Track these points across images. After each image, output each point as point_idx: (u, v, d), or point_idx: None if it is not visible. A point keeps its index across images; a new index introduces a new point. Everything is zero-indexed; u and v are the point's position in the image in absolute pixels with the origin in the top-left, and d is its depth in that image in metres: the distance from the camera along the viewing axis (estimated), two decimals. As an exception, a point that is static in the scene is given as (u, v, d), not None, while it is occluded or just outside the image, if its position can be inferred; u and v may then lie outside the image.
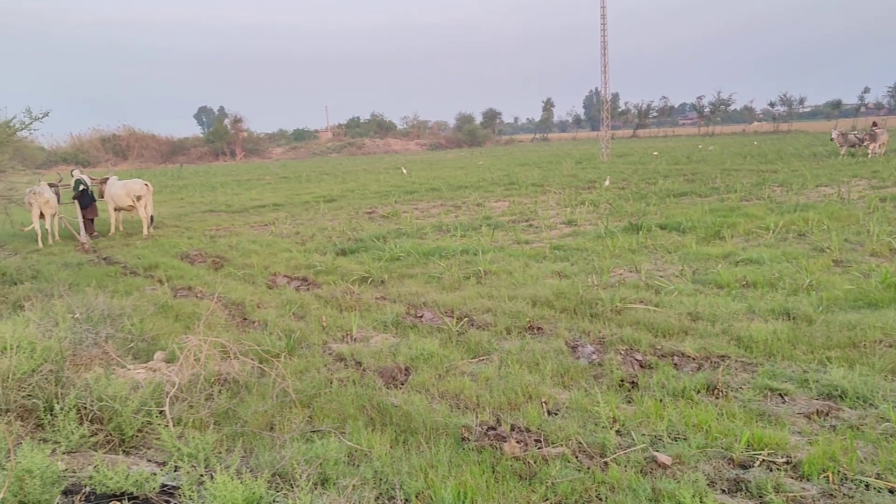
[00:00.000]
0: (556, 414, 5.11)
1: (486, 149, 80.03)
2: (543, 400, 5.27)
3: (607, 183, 22.11)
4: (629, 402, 5.32)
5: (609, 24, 43.78)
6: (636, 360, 6.17)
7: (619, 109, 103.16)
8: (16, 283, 10.72)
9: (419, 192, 24.71)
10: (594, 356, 6.37)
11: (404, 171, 37.54)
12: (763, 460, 4.24)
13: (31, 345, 5.37)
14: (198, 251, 13.77)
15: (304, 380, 6.02)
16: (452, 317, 7.79)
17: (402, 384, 5.92)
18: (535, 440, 4.61)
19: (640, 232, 12.58)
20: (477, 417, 4.98)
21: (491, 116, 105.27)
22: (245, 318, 8.48)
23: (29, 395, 4.89)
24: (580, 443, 4.53)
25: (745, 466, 4.22)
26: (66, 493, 3.48)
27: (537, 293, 8.51)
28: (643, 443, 4.49)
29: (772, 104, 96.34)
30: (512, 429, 4.80)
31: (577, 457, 4.36)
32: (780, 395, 5.30)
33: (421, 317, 8.06)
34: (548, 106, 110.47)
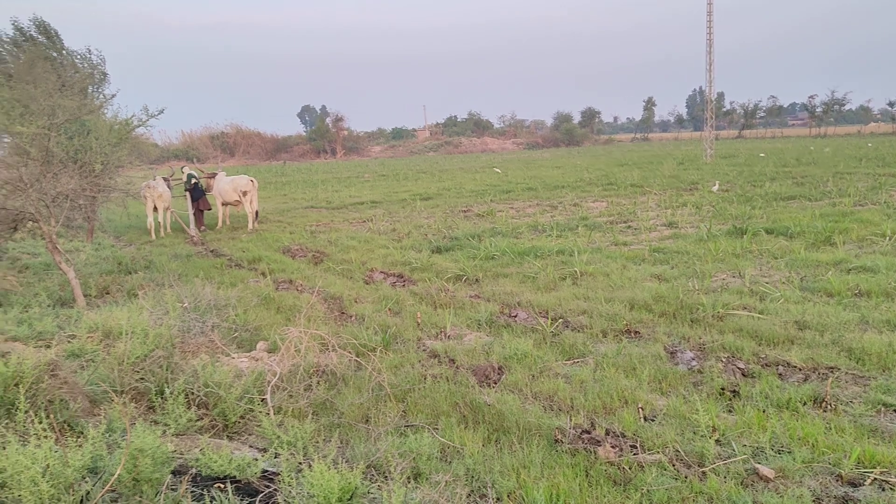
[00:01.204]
0: (652, 420, 4.97)
1: (583, 148, 78.87)
2: (640, 405, 5.14)
3: (716, 188, 21.07)
4: (730, 411, 5.11)
5: (715, 18, 42.14)
6: (738, 368, 5.92)
7: (724, 109, 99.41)
8: (131, 272, 11.37)
9: (515, 191, 24.60)
10: (694, 363, 6.16)
11: (498, 170, 37.48)
12: (875, 479, 3.98)
13: (145, 331, 5.67)
14: (299, 246, 14.19)
15: (398, 375, 6.10)
16: (547, 317, 7.71)
17: (495, 383, 5.90)
18: (631, 446, 4.50)
19: (745, 236, 12.06)
20: (571, 420, 4.91)
21: (589, 115, 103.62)
22: (343, 312, 8.67)
23: (142, 379, 5.17)
24: (678, 451, 4.39)
25: (854, 484, 3.98)
26: (174, 473, 3.65)
27: (635, 296, 8.30)
28: (744, 454, 4.30)
29: (891, 104, 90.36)
30: (607, 433, 4.70)
31: (674, 465, 4.22)
32: (895, 410, 4.96)
33: (515, 316, 8.01)
34: (649, 105, 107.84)
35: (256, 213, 18.19)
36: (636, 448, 4.47)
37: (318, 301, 8.81)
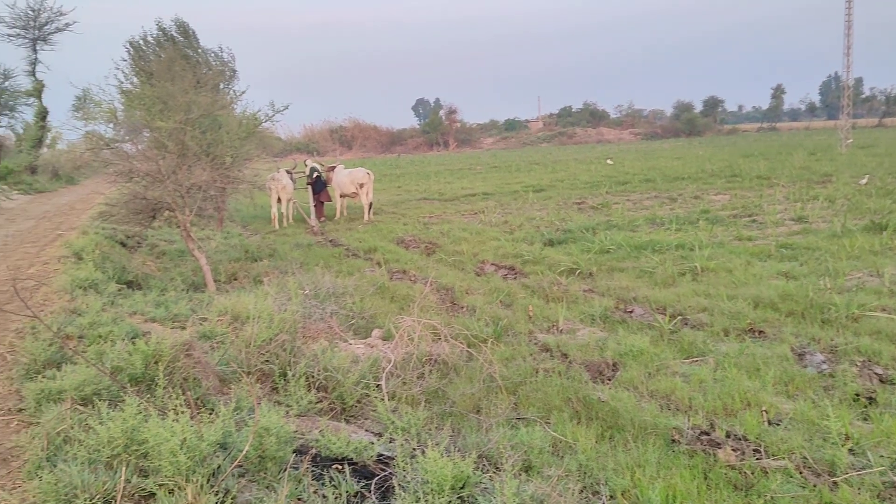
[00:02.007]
0: (777, 424, 4.74)
1: (706, 139, 75.73)
2: (764, 408, 4.91)
3: (864, 181, 19.50)
4: (865, 419, 4.80)
5: None
6: (875, 373, 5.55)
7: (863, 96, 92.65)
8: (256, 260, 11.96)
9: (632, 182, 24.01)
10: (824, 366, 5.82)
11: (610, 161, 36.60)
12: None
13: (270, 316, 5.95)
14: (412, 237, 14.46)
15: (510, 367, 6.12)
16: (665, 314, 7.49)
17: (610, 379, 5.81)
18: (754, 450, 4.32)
19: (885, 232, 11.24)
20: (689, 420, 4.77)
21: (712, 104, 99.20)
22: (454, 303, 8.77)
23: (267, 361, 5.43)
24: (805, 458, 4.17)
25: None
26: (296, 452, 3.82)
27: (760, 294, 7.93)
28: (881, 465, 4.03)
29: None
30: (727, 435, 4.53)
31: (801, 472, 4.02)
32: None
33: (631, 312, 7.85)
34: (777, 93, 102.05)
35: (371, 204, 18.66)
36: (759, 452, 4.28)
37: (430, 291, 8.95)
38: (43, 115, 31.22)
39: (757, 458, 4.19)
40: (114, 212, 11.73)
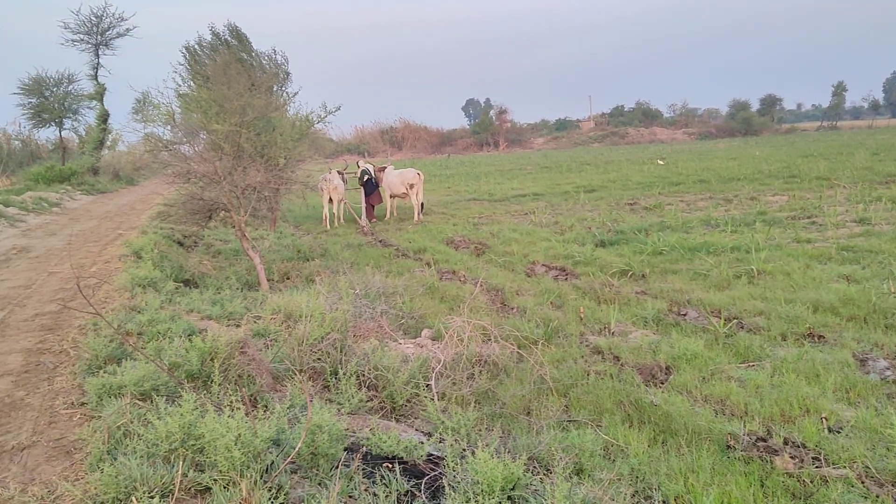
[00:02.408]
0: (838, 432, 4.59)
1: (762, 138, 73.78)
2: (823, 415, 4.77)
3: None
4: (932, 428, 4.62)
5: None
6: (942, 381, 5.34)
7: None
8: (308, 259, 12.13)
9: (685, 183, 23.57)
10: (888, 372, 5.62)
11: (661, 161, 35.94)
12: None
13: (321, 315, 6.03)
14: (462, 237, 14.47)
15: (560, 369, 6.07)
16: (719, 317, 7.34)
17: (662, 383, 5.72)
18: (813, 458, 4.19)
19: (952, 234, 10.81)
20: (744, 426, 4.65)
21: (769, 103, 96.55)
22: (504, 304, 8.74)
23: (318, 359, 5.50)
24: (867, 467, 4.03)
25: None
26: (347, 450, 3.86)
27: (819, 298, 7.70)
28: (949, 477, 3.88)
29: None
30: (785, 442, 4.41)
31: (863, 482, 3.89)
32: None
33: (684, 315, 7.71)
34: (839, 90, 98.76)
35: (422, 204, 18.74)
36: (818, 461, 4.16)
37: (480, 292, 8.94)
38: (104, 117, 32.22)
39: (816, 467, 4.07)
40: (172, 212, 12.03)
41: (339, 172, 19.08)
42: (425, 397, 5.02)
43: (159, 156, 10.48)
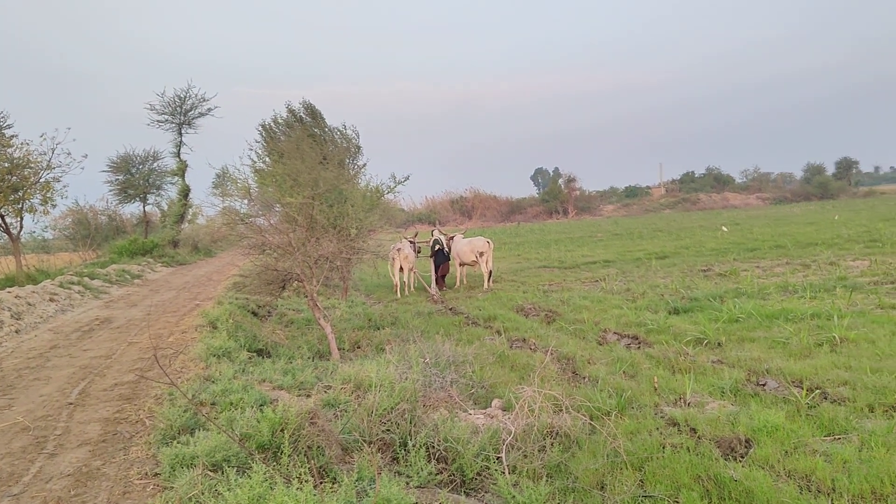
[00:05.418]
0: (940, 514, 4.25)
1: (840, 202, 71.47)
2: (923, 495, 4.43)
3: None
4: None
5: None
6: None
7: None
8: (379, 328, 12.22)
9: (761, 249, 22.90)
10: None
11: (725, 228, 34.96)
12: None
13: (391, 384, 6.03)
14: (532, 305, 14.34)
15: (635, 441, 5.85)
16: (801, 387, 6.99)
17: (742, 457, 5.44)
18: (915, 543, 3.88)
19: None
20: (832, 503, 4.36)
21: (845, 166, 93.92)
22: (576, 373, 8.56)
23: (388, 430, 5.47)
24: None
25: None
26: (415, 524, 3.79)
27: (910, 366, 7.26)
28: None
29: None
30: (882, 525, 4.10)
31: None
32: None
33: (763, 385, 7.37)
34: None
35: (491, 272, 18.75)
36: (921, 546, 3.84)
37: (550, 360, 8.79)
38: (185, 192, 33.82)
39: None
40: (247, 282, 12.39)
41: (409, 241, 19.35)
42: (496, 470, 4.90)
43: (236, 228, 10.86)
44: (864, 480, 4.71)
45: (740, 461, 5.33)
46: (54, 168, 22.77)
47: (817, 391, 6.86)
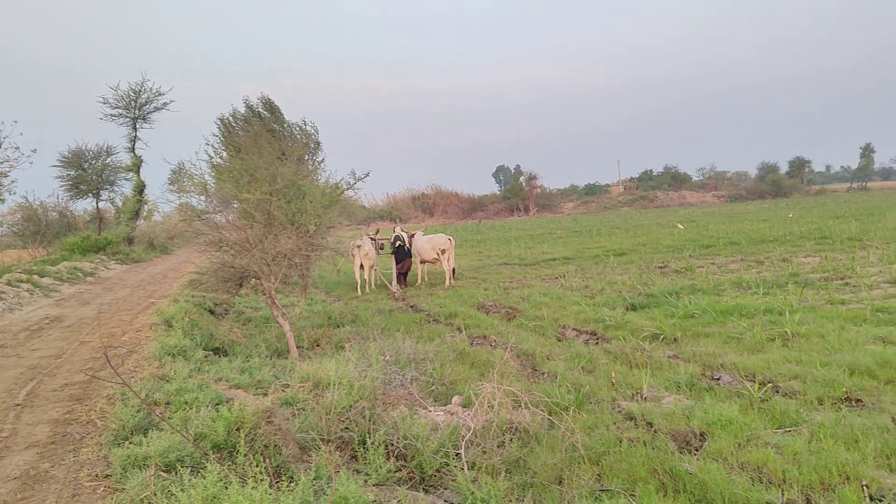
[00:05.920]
0: (879, 500, 4.39)
1: (793, 200, 73.26)
2: (864, 483, 4.57)
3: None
4: None
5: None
6: None
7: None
8: (339, 326, 12.14)
9: (716, 245, 23.34)
10: (935, 439, 5.38)
11: (681, 226, 35.50)
12: None
13: (350, 383, 5.99)
14: (493, 302, 14.40)
15: (592, 436, 5.92)
16: (754, 381, 7.15)
17: (697, 450, 5.54)
18: (860, 531, 3.99)
19: None
20: (783, 495, 4.47)
21: (798, 165, 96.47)
22: (535, 369, 8.62)
23: (346, 428, 5.44)
24: (920, 541, 3.82)
25: None
26: (373, 522, 3.78)
27: (856, 360, 7.47)
28: None
29: None
30: (829, 514, 4.22)
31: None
32: None
33: (718, 379, 7.52)
34: (866, 152, 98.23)
35: (453, 270, 18.76)
36: (866, 534, 3.96)
37: (510, 357, 8.84)
38: (141, 188, 33.13)
39: (865, 541, 3.87)
40: (203, 280, 12.18)
41: (371, 238, 19.26)
42: (455, 467, 4.91)
43: (193, 225, 10.67)
44: (813, 472, 4.83)
45: (695, 454, 5.43)
46: (1, 163, 22.14)
47: (769, 385, 7.03)
